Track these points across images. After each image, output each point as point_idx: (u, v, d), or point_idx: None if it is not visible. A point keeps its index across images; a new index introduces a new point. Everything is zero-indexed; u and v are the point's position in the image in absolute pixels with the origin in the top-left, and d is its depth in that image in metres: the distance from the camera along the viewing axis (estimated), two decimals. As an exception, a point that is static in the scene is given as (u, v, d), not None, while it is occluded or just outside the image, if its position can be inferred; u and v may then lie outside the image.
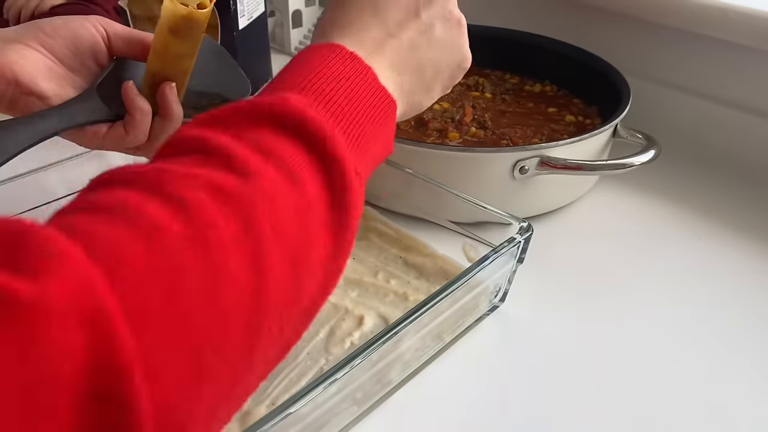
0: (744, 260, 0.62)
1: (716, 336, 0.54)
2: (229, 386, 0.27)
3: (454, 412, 0.47)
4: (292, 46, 1.05)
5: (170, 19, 0.43)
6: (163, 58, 0.46)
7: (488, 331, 0.54)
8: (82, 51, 0.46)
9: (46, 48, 0.45)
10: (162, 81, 0.47)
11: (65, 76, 0.46)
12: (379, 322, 0.53)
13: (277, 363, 0.31)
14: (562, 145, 0.62)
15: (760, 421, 0.47)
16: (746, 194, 0.72)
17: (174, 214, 0.25)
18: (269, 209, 0.27)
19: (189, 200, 0.26)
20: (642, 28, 0.80)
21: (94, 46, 0.47)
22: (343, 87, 0.34)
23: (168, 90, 0.46)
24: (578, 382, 0.50)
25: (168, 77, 0.47)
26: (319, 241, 0.30)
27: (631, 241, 0.65)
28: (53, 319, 0.20)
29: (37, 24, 0.46)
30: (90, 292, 0.21)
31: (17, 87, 0.43)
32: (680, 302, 0.57)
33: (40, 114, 0.43)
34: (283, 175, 0.29)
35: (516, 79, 0.85)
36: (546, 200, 0.67)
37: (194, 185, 0.26)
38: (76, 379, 0.20)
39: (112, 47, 0.48)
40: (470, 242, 0.57)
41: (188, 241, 0.25)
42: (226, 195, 0.27)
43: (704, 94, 0.78)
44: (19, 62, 0.43)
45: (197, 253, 0.25)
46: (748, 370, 0.51)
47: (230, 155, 0.28)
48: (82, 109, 0.45)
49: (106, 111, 0.46)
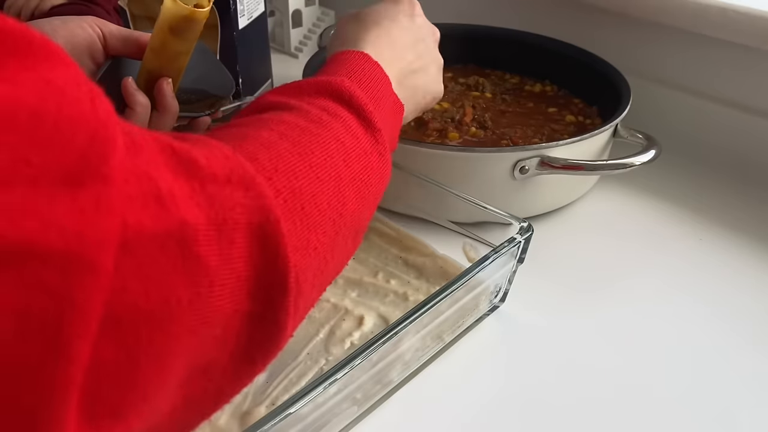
0: (744, 260, 0.62)
1: (717, 336, 0.54)
2: (333, 259, 0.36)
3: (454, 412, 0.47)
4: (292, 45, 1.05)
5: (171, 18, 0.45)
6: (161, 56, 0.48)
7: (488, 331, 0.54)
8: (79, 50, 0.48)
9: None
10: (158, 77, 0.49)
11: None
12: (379, 322, 0.53)
13: (342, 266, 0.40)
14: (562, 145, 0.61)
15: (760, 422, 0.47)
16: (746, 194, 0.72)
17: (280, 135, 0.35)
18: (342, 147, 0.38)
19: (288, 122, 0.37)
20: (642, 28, 0.80)
21: (91, 45, 0.49)
22: (375, 83, 0.44)
23: (165, 85, 0.49)
24: (578, 381, 0.50)
25: (164, 74, 0.49)
26: (371, 174, 0.40)
27: (631, 241, 0.65)
28: (223, 176, 0.28)
29: (38, 24, 0.48)
30: (243, 167, 0.30)
31: None
32: (680, 302, 0.57)
33: None
34: (345, 130, 0.39)
35: (516, 79, 0.85)
36: (546, 200, 0.67)
37: (288, 120, 0.37)
38: (245, 219, 0.28)
39: (108, 46, 0.50)
40: (470, 242, 0.57)
41: (313, 130, 0.37)
42: (315, 123, 0.37)
43: (704, 94, 0.78)
44: None
45: (303, 160, 0.35)
46: (748, 370, 0.51)
47: (308, 111, 0.38)
48: None
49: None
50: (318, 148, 0.36)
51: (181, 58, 0.49)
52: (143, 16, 0.74)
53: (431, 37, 0.54)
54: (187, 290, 0.25)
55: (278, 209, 0.30)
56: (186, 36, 0.47)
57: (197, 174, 0.27)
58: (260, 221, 0.29)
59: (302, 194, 0.33)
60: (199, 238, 0.26)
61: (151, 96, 0.49)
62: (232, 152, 0.30)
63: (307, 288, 0.33)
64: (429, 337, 0.49)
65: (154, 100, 0.49)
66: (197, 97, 0.55)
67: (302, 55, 1.04)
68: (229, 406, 0.45)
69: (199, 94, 0.55)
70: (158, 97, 0.49)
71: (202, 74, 0.55)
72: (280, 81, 0.88)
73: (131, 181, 0.24)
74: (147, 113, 0.49)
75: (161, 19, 0.46)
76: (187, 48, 0.48)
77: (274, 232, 0.29)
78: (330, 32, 0.86)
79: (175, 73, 0.49)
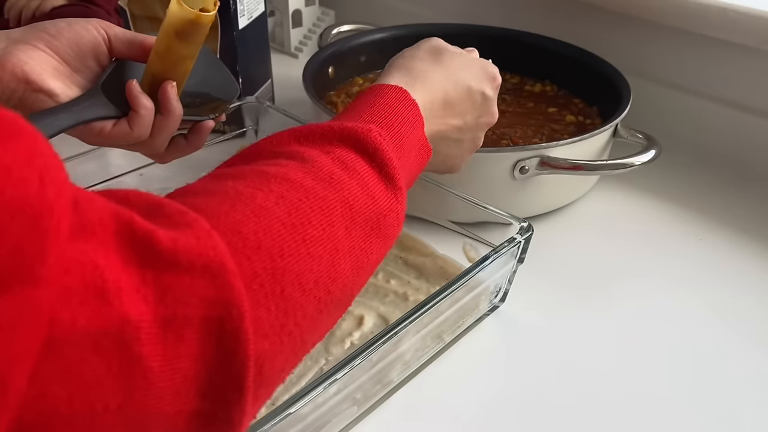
0: (745, 260, 0.62)
1: (718, 335, 0.54)
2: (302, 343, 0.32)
3: (454, 412, 0.47)
4: (292, 45, 1.05)
5: (177, 22, 0.45)
6: (166, 60, 0.48)
7: (488, 331, 0.54)
8: (84, 52, 0.48)
9: (51, 49, 0.47)
10: (163, 81, 0.49)
11: (70, 75, 0.48)
12: (379, 322, 0.53)
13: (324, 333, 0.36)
14: (562, 145, 0.62)
15: (762, 421, 0.47)
16: (746, 194, 0.72)
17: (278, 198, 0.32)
18: (349, 211, 0.35)
19: (292, 180, 0.34)
20: (642, 28, 0.80)
21: (96, 47, 0.49)
22: (406, 125, 0.43)
23: (170, 89, 0.49)
24: (578, 381, 0.50)
25: (169, 77, 0.49)
26: (378, 236, 0.37)
27: (631, 240, 0.65)
28: (187, 263, 0.26)
29: (43, 26, 0.47)
30: (215, 250, 0.27)
31: (27, 85, 0.45)
32: (680, 301, 0.57)
33: (51, 111, 0.45)
34: (360, 189, 0.36)
35: (516, 79, 0.85)
36: (546, 200, 0.67)
37: (293, 178, 0.34)
38: (200, 313, 0.26)
39: (113, 49, 0.50)
40: (470, 242, 0.57)
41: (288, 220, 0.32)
42: (324, 181, 0.35)
43: (704, 94, 0.78)
44: (28, 62, 0.45)
45: (296, 233, 0.32)
46: (750, 369, 0.51)
47: (321, 167, 0.36)
48: (89, 106, 0.47)
49: (112, 108, 0.48)
50: (317, 217, 0.33)
51: (186, 62, 0.49)
52: (143, 16, 0.74)
53: (486, 118, 0.52)
54: (118, 395, 0.23)
55: (246, 301, 0.27)
56: (191, 40, 0.47)
57: (153, 262, 0.25)
58: (220, 315, 0.26)
59: (285, 275, 0.30)
60: (141, 337, 0.24)
61: (155, 99, 0.49)
62: (207, 231, 0.27)
63: (273, 375, 0.30)
64: (429, 337, 0.49)
65: (158, 103, 0.49)
66: (201, 101, 0.54)
67: (302, 55, 1.04)
68: (229, 406, 0.45)
69: (203, 97, 0.54)
70: (162, 100, 0.49)
71: (206, 78, 0.55)
72: (280, 81, 0.88)
73: (73, 272, 0.22)
74: (151, 116, 0.49)
75: (167, 23, 0.46)
76: (192, 52, 0.48)
77: (234, 327, 0.27)
78: (330, 32, 0.86)
79: (179, 77, 0.49)
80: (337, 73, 0.82)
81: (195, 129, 0.53)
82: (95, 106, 0.47)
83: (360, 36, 0.85)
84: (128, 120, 0.48)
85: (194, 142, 0.54)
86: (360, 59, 0.84)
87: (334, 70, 0.81)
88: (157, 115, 0.49)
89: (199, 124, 0.53)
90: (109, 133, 0.48)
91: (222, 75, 0.57)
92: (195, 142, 0.54)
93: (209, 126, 0.53)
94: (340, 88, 0.82)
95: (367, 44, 0.84)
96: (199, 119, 0.53)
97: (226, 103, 0.55)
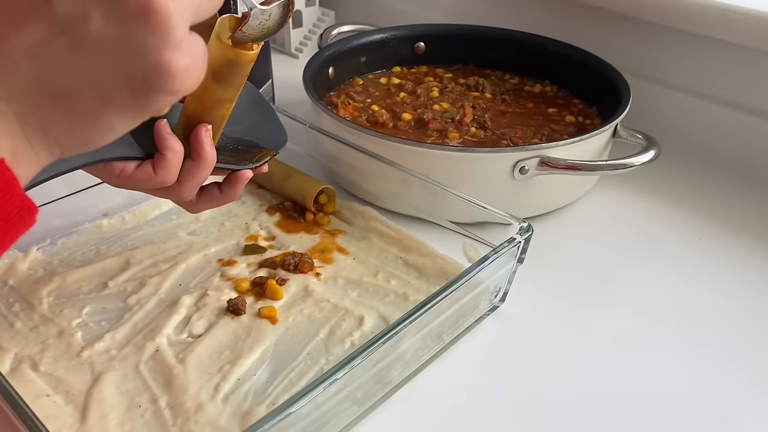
0: (744, 260, 0.62)
1: (717, 336, 0.54)
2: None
3: (454, 412, 0.47)
4: (292, 46, 1.05)
5: (215, 61, 0.40)
6: (203, 102, 0.43)
7: (488, 331, 0.54)
8: None
9: None
10: (198, 123, 0.44)
11: None
12: (379, 322, 0.53)
13: None
14: (562, 145, 0.62)
15: (762, 423, 0.47)
16: (746, 194, 0.72)
17: None
18: None
19: None
20: (642, 28, 0.80)
21: None
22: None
23: (204, 132, 0.44)
24: (578, 381, 0.50)
25: (205, 120, 0.44)
26: None
27: (631, 241, 0.65)
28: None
29: None
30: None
31: None
32: (680, 302, 0.57)
33: None
34: None
35: (516, 79, 0.85)
36: (546, 200, 0.67)
37: None
38: None
39: None
40: (470, 242, 0.57)
41: None
42: None
43: (704, 94, 0.78)
44: None
45: None
46: (750, 370, 0.51)
47: None
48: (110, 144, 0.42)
49: (136, 148, 0.43)
50: None
51: (224, 105, 0.43)
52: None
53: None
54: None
55: None
56: (231, 82, 0.41)
57: None
58: None
59: None
60: None
61: (189, 142, 0.44)
62: None
63: None
64: (429, 337, 0.49)
65: (191, 147, 0.44)
66: (243, 148, 0.49)
67: (302, 56, 1.04)
68: (230, 406, 0.45)
69: (246, 144, 0.49)
70: (194, 144, 0.44)
71: (253, 124, 0.50)
72: (280, 81, 0.88)
73: None
74: (178, 161, 0.44)
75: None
76: (231, 95, 0.43)
77: None
78: (330, 33, 0.86)
79: (217, 120, 0.44)
80: (337, 74, 0.82)
81: (230, 179, 0.48)
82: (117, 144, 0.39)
83: (360, 36, 0.85)
84: (153, 163, 0.43)
85: (229, 193, 0.48)
86: (360, 60, 0.84)
87: (334, 70, 0.81)
88: (188, 161, 0.44)
89: (235, 174, 0.47)
90: (131, 175, 0.43)
91: (270, 122, 0.52)
92: (230, 193, 0.48)
93: (246, 176, 0.48)
94: (340, 88, 0.82)
95: (367, 45, 0.85)
96: (235, 168, 0.47)
97: (271, 153, 0.49)
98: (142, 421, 0.45)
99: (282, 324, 0.52)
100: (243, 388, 0.47)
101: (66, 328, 0.51)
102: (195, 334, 0.51)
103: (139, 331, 0.52)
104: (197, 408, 0.45)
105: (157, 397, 0.46)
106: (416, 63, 0.88)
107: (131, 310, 0.53)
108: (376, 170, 0.62)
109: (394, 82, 0.82)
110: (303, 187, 0.65)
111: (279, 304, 0.54)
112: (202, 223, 0.64)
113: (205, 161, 0.44)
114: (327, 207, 0.65)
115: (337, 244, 0.61)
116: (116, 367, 0.48)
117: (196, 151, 0.44)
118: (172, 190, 0.45)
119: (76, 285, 0.56)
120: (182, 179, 0.45)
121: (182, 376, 0.47)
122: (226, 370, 0.48)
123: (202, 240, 0.62)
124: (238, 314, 0.53)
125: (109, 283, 0.56)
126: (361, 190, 0.66)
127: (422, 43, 0.87)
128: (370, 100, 0.78)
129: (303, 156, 0.69)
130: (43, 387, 0.47)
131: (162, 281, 0.56)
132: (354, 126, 0.65)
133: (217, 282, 0.56)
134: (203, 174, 0.45)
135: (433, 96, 0.79)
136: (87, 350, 0.49)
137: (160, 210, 0.65)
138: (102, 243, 0.61)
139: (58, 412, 0.45)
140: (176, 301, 0.54)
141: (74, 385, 0.47)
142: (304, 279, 0.57)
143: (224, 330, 0.51)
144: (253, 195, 0.68)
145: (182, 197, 0.46)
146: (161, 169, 0.43)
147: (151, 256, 0.59)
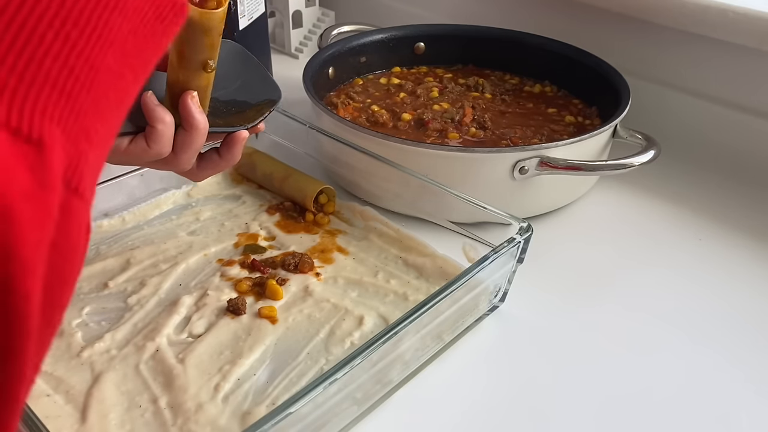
0: (744, 260, 0.62)
1: (716, 335, 0.54)
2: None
3: (454, 412, 0.47)
4: (292, 46, 1.05)
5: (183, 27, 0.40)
6: (181, 68, 0.43)
7: (488, 331, 0.54)
8: None
9: None
10: (182, 91, 0.44)
11: None
12: (379, 322, 0.53)
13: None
14: (562, 146, 0.62)
15: (761, 423, 0.47)
16: (746, 194, 0.72)
17: None
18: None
19: None
20: (642, 29, 0.80)
21: None
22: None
23: (190, 100, 0.43)
24: (578, 381, 0.50)
25: (189, 87, 0.44)
26: None
27: (630, 241, 0.65)
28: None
29: None
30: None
31: None
32: (680, 302, 0.57)
33: None
34: None
35: (516, 79, 0.85)
36: (546, 200, 0.67)
37: None
38: None
39: None
40: (470, 242, 0.57)
41: None
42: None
43: (704, 94, 0.78)
44: None
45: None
46: (749, 370, 0.51)
47: None
48: None
49: (126, 123, 0.42)
50: None
51: (204, 68, 0.43)
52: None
53: None
54: None
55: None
56: (202, 43, 0.40)
57: None
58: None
59: None
60: None
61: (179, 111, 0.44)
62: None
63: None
64: (429, 337, 0.49)
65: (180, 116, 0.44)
66: (238, 109, 0.48)
67: (302, 56, 1.04)
68: (230, 406, 0.46)
69: (240, 105, 0.48)
70: (183, 112, 0.43)
71: (244, 83, 0.49)
72: (280, 81, 0.88)
73: None
74: (170, 131, 0.43)
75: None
76: (205, 56, 0.42)
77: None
78: (330, 33, 0.86)
79: (202, 85, 0.44)
80: (337, 74, 0.82)
81: (227, 142, 0.47)
82: None
83: (360, 37, 0.85)
84: (145, 136, 0.43)
85: (227, 157, 0.48)
86: (360, 60, 0.84)
87: (334, 70, 0.81)
88: (180, 130, 0.44)
89: (231, 136, 0.47)
90: (126, 150, 0.43)
91: (261, 78, 0.51)
92: (228, 157, 0.48)
93: (242, 137, 0.47)
94: (340, 88, 0.82)
95: (367, 45, 0.85)
96: (229, 130, 0.46)
97: (266, 109, 0.48)
98: (142, 421, 0.45)
99: (282, 324, 0.52)
100: (243, 388, 0.47)
101: (66, 328, 0.51)
102: (195, 334, 0.51)
103: (139, 331, 0.52)
104: (197, 408, 0.45)
105: (157, 397, 0.46)
106: (416, 63, 0.88)
107: (131, 310, 0.53)
108: (376, 170, 0.62)
109: (394, 83, 0.83)
110: (303, 187, 0.65)
111: (279, 304, 0.54)
112: (202, 223, 0.64)
113: (197, 128, 0.44)
114: (327, 207, 0.65)
115: (337, 244, 0.61)
116: (116, 367, 0.48)
117: (185, 119, 0.43)
118: (170, 161, 0.45)
119: (76, 285, 0.56)
120: (177, 149, 0.44)
121: (182, 376, 0.47)
122: (226, 370, 0.48)
123: (202, 240, 0.62)
124: (238, 314, 0.53)
125: (109, 283, 0.56)
126: (361, 190, 0.67)
127: (422, 44, 0.87)
128: (370, 101, 0.78)
129: (303, 156, 0.70)
130: (43, 387, 0.47)
131: (162, 281, 0.56)
132: (354, 126, 0.65)
133: (217, 282, 0.56)
134: (197, 141, 0.44)
135: (433, 96, 0.79)
136: (87, 350, 0.50)
137: (160, 210, 0.66)
138: (102, 243, 0.61)
139: (58, 411, 0.45)
140: (176, 301, 0.54)
141: (74, 385, 0.47)
142: (304, 279, 0.57)
143: (224, 330, 0.51)
144: (253, 195, 0.68)
145: (181, 167, 0.46)
146: (154, 142, 0.43)
147: (151, 256, 0.59)
